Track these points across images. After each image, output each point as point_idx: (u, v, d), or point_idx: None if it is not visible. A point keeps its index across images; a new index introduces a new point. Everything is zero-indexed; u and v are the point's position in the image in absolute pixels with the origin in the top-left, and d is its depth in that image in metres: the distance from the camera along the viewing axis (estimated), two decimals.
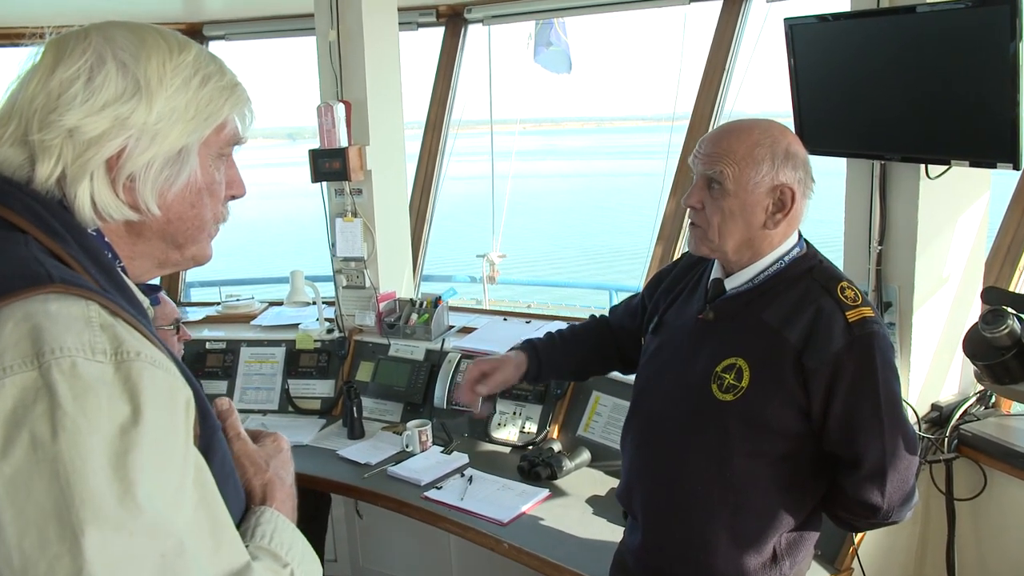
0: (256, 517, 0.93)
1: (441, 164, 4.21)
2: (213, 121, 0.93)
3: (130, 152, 0.87)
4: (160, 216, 0.91)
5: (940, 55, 1.92)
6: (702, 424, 1.64)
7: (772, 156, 1.57)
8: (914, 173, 2.16)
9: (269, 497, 0.96)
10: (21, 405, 0.71)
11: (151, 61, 0.89)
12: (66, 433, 0.70)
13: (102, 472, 0.71)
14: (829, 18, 2.16)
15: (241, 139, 0.99)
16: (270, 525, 0.92)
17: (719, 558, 1.62)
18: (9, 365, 0.72)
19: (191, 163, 0.92)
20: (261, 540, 0.90)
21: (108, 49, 0.88)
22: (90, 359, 0.75)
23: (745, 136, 1.59)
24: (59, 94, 0.85)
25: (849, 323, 1.53)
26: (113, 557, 0.69)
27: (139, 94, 0.87)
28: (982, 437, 2.21)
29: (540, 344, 2.07)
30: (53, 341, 0.74)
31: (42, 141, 0.85)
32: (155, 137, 0.88)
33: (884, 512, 1.57)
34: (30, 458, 0.70)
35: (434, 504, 2.50)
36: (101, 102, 0.86)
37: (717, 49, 3.43)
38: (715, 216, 1.60)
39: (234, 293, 4.14)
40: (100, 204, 0.87)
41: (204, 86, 0.92)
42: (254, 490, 0.97)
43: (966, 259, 2.31)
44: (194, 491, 0.78)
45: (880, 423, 1.53)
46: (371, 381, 3.26)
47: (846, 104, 2.16)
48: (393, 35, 3.44)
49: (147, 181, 0.89)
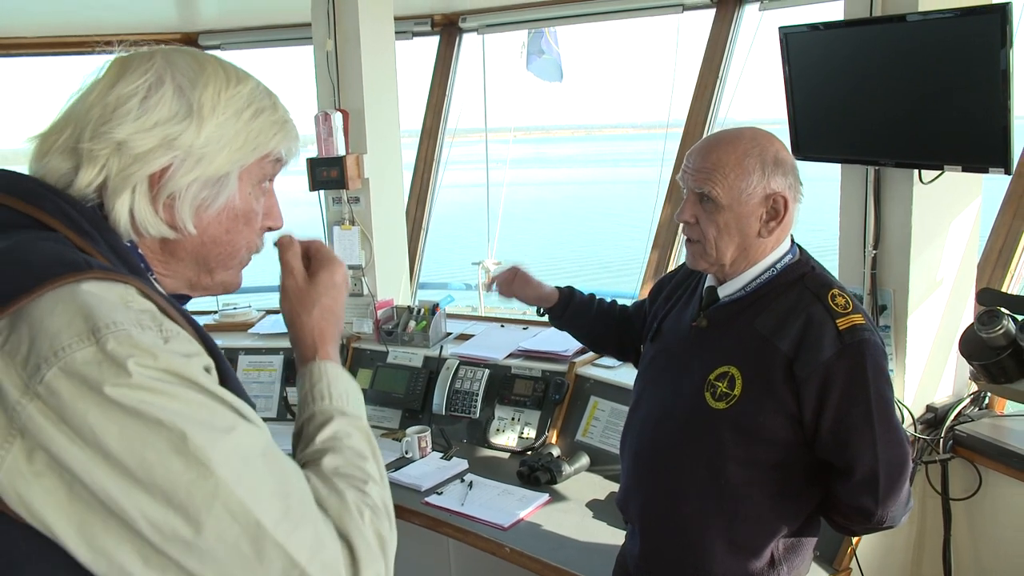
0: (308, 377, 0.99)
1: (437, 172, 4.23)
2: (259, 152, 0.96)
3: (174, 171, 0.90)
4: (195, 237, 0.94)
5: (932, 63, 1.95)
6: (696, 432, 1.65)
7: (762, 165, 1.58)
8: (907, 178, 2.20)
9: (321, 345, 1.02)
10: (92, 378, 0.74)
11: (208, 88, 0.92)
12: (146, 390, 0.74)
13: (190, 405, 0.76)
14: (823, 27, 2.20)
15: (284, 162, 1.01)
16: (323, 381, 0.98)
17: (716, 565, 1.63)
18: (67, 344, 0.75)
19: (230, 187, 0.95)
20: (322, 401, 0.96)
21: (168, 72, 0.91)
22: (142, 332, 0.78)
23: (733, 147, 1.59)
24: (115, 108, 0.89)
25: (839, 331, 1.54)
26: (233, 459, 0.76)
27: (190, 117, 0.90)
28: (977, 437, 2.24)
29: (577, 293, 2.11)
30: (106, 316, 0.77)
31: (90, 150, 0.88)
32: (200, 160, 0.91)
33: (879, 518, 1.57)
34: (132, 421, 0.74)
35: (435, 509, 2.51)
36: (153, 120, 0.89)
37: (710, 57, 3.48)
38: (710, 230, 1.60)
39: (231, 302, 4.14)
40: (138, 218, 0.90)
41: (256, 118, 0.95)
42: (304, 338, 1.02)
43: (959, 262, 2.34)
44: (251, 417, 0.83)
45: (872, 431, 1.53)
46: (369, 388, 3.27)
47: (840, 111, 2.20)
48: (390, 44, 3.46)
49: (186, 200, 0.92)
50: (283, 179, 1.05)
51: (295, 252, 1.07)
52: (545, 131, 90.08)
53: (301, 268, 1.06)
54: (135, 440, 0.73)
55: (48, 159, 0.89)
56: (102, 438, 0.73)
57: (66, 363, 0.74)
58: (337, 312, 1.06)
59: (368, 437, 0.96)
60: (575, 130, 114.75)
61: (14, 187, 0.88)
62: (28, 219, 0.86)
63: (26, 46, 4.26)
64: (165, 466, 0.74)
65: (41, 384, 0.73)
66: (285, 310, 1.05)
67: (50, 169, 0.89)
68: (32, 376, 0.73)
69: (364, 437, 0.95)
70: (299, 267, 1.06)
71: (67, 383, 0.73)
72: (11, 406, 0.74)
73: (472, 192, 7.08)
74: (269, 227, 1.03)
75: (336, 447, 0.92)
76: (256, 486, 0.77)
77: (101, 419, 0.73)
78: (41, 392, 0.73)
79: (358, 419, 0.97)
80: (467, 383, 3.08)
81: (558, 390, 2.91)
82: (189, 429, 0.75)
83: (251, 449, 0.79)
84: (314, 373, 1.00)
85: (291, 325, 1.04)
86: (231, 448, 0.77)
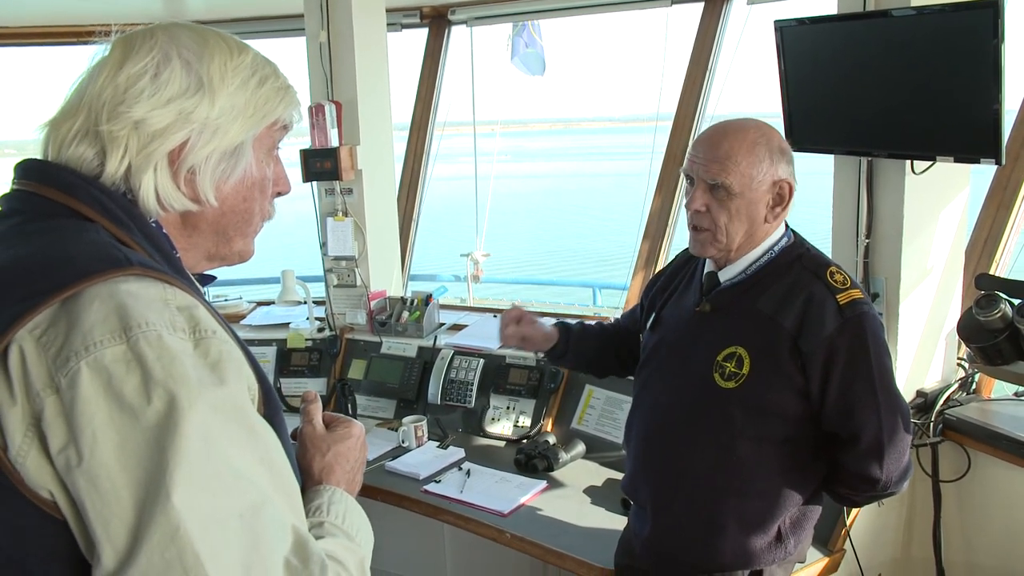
0: (328, 495, 0.98)
1: (427, 163, 4.24)
2: (268, 119, 0.98)
3: (192, 145, 0.91)
4: (216, 208, 0.96)
5: (925, 56, 2.00)
6: (705, 413, 1.70)
7: (770, 153, 1.64)
8: (900, 169, 2.25)
9: (325, 479, 1.02)
10: (116, 377, 0.75)
11: (214, 60, 0.93)
12: (160, 402, 0.75)
13: (191, 437, 0.75)
14: (817, 20, 2.24)
15: (290, 127, 1.03)
16: (342, 505, 0.98)
17: (727, 541, 1.68)
18: (99, 340, 0.76)
19: (246, 157, 0.96)
20: (336, 519, 0.95)
21: (173, 48, 0.92)
22: (173, 334, 0.79)
23: (743, 136, 1.64)
24: (127, 88, 0.89)
25: (840, 306, 1.61)
26: (202, 515, 0.74)
27: (202, 90, 0.91)
28: (966, 421, 2.30)
29: (573, 328, 2.10)
30: (139, 316, 0.78)
31: (110, 132, 0.88)
32: (216, 132, 0.92)
33: (883, 484, 1.63)
34: (133, 426, 0.74)
35: (434, 497, 2.53)
36: (167, 96, 0.90)
37: (699, 50, 3.51)
38: (722, 217, 1.65)
39: (222, 293, 4.13)
40: (163, 195, 0.91)
41: (262, 86, 0.97)
42: (312, 471, 1.02)
43: (948, 251, 2.40)
44: (266, 459, 0.82)
45: (875, 398, 1.60)
46: (364, 379, 3.28)
47: (834, 103, 2.24)
48: (382, 36, 3.46)
49: (206, 173, 0.93)
50: None
51: (317, 406, 1.10)
52: (524, 124, 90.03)
53: (320, 420, 1.09)
54: (130, 456, 0.74)
55: (71, 148, 0.90)
56: (99, 444, 0.74)
57: (95, 358, 0.75)
58: (351, 460, 1.06)
59: (364, 572, 0.94)
60: (554, 123, 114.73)
61: (51, 178, 0.89)
62: (65, 209, 0.87)
63: (9, 36, 4.22)
64: (145, 494, 0.74)
65: (66, 376, 0.74)
66: (299, 455, 1.05)
67: (76, 157, 0.90)
68: (60, 368, 0.75)
69: (359, 568, 0.93)
70: (319, 419, 1.09)
71: (91, 378, 0.75)
72: (35, 395, 0.75)
73: (458, 185, 7.08)
74: (279, 192, 1.05)
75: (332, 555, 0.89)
76: (219, 549, 0.75)
77: (106, 427, 0.74)
78: (62, 385, 0.75)
79: (360, 548, 0.95)
80: (462, 372, 3.10)
81: (553, 379, 2.94)
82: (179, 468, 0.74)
83: (233, 506, 0.77)
84: (335, 495, 0.99)
85: (301, 467, 1.04)
86: (207, 502, 0.75)
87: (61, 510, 0.76)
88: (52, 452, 0.75)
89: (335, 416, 1.12)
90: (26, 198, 0.89)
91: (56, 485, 0.76)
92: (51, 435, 0.75)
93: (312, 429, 1.07)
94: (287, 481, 0.85)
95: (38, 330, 0.77)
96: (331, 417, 1.11)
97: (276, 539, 0.79)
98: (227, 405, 0.79)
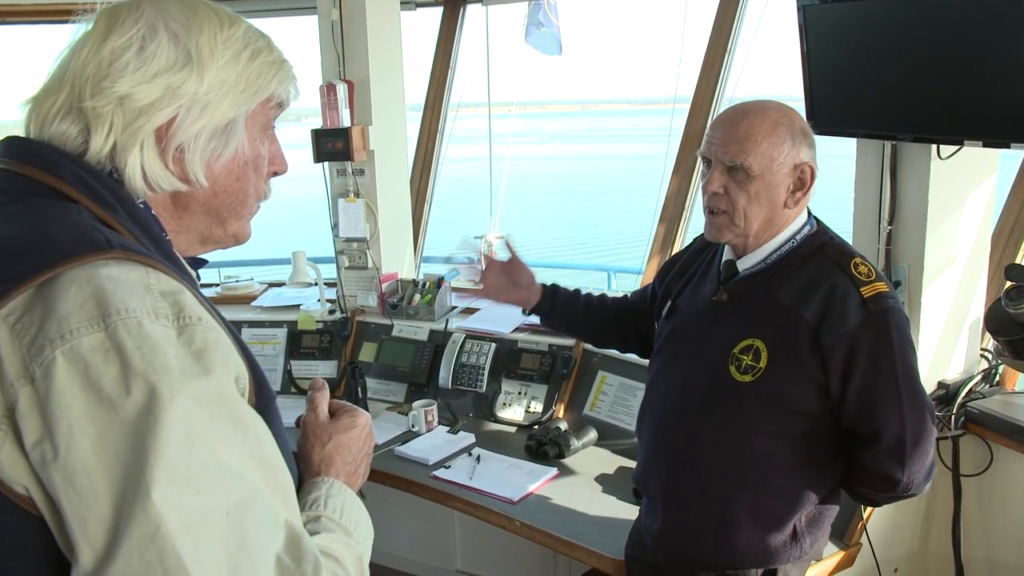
0: (327, 488, 0.94)
1: (440, 144, 4.19)
2: (261, 95, 0.93)
3: (180, 122, 0.87)
4: (207, 188, 0.92)
5: (955, 35, 1.91)
6: (720, 405, 1.65)
7: (791, 135, 1.58)
8: (925, 153, 2.18)
9: (324, 470, 0.98)
10: (93, 367, 0.71)
11: (203, 33, 0.89)
12: (140, 393, 0.71)
13: (172, 430, 0.71)
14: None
15: (285, 105, 0.98)
16: (340, 498, 0.94)
17: (740, 537, 1.64)
18: (76, 327, 0.72)
19: (238, 135, 0.92)
20: (333, 512, 0.91)
21: (160, 20, 0.88)
22: (154, 322, 0.75)
23: (763, 116, 1.58)
24: (111, 62, 0.85)
25: (864, 299, 1.54)
26: (184, 512, 0.70)
27: (190, 64, 0.87)
28: (989, 414, 2.24)
29: (562, 290, 2.07)
30: (119, 302, 0.74)
31: (94, 108, 0.84)
32: (205, 108, 0.88)
33: (904, 485, 1.58)
34: (111, 419, 0.70)
35: (443, 483, 2.51)
36: (153, 71, 0.86)
37: (718, 31, 3.42)
38: (740, 199, 1.59)
39: (232, 274, 4.12)
40: (150, 174, 0.87)
41: (254, 60, 0.92)
42: (312, 461, 0.99)
43: (974, 239, 2.33)
44: (256, 452, 0.79)
45: (899, 397, 1.54)
46: (374, 362, 3.26)
47: (858, 85, 2.16)
48: (395, 14, 3.41)
49: (196, 151, 0.89)
50: (288, 152, 1.03)
51: (323, 395, 1.06)
52: (541, 106, 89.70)
53: (325, 408, 1.05)
54: (108, 451, 0.70)
55: (54, 125, 0.86)
56: (76, 438, 0.70)
57: (72, 347, 0.71)
58: (353, 450, 1.02)
59: (362, 569, 0.90)
60: (572, 105, 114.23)
61: (33, 156, 0.85)
62: (47, 188, 0.83)
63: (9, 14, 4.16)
64: (123, 490, 0.70)
65: (40, 366, 0.71)
66: (300, 444, 1.02)
67: (59, 135, 0.86)
68: (35, 357, 0.71)
69: (356, 565, 0.89)
70: (324, 407, 1.05)
71: (67, 368, 0.71)
72: (8, 386, 0.72)
73: (472, 166, 7.03)
74: (275, 172, 1.01)
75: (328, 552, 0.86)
76: (203, 549, 0.71)
77: (84, 419, 0.70)
78: (37, 375, 0.71)
79: (357, 544, 0.91)
80: (473, 357, 3.07)
81: (565, 364, 2.91)
82: (158, 466, 0.70)
83: (218, 503, 0.73)
84: (333, 487, 0.95)
85: (301, 457, 1.00)
86: (189, 499, 0.71)
87: (38, 506, 0.73)
88: (27, 446, 0.71)
89: (341, 404, 1.08)
90: (6, 177, 0.85)
91: (32, 480, 0.72)
92: (25, 428, 0.71)
93: (315, 417, 1.03)
94: (280, 475, 0.81)
95: (12, 316, 0.73)
96: (337, 405, 1.08)
97: (266, 536, 0.75)
98: (212, 396, 0.75)
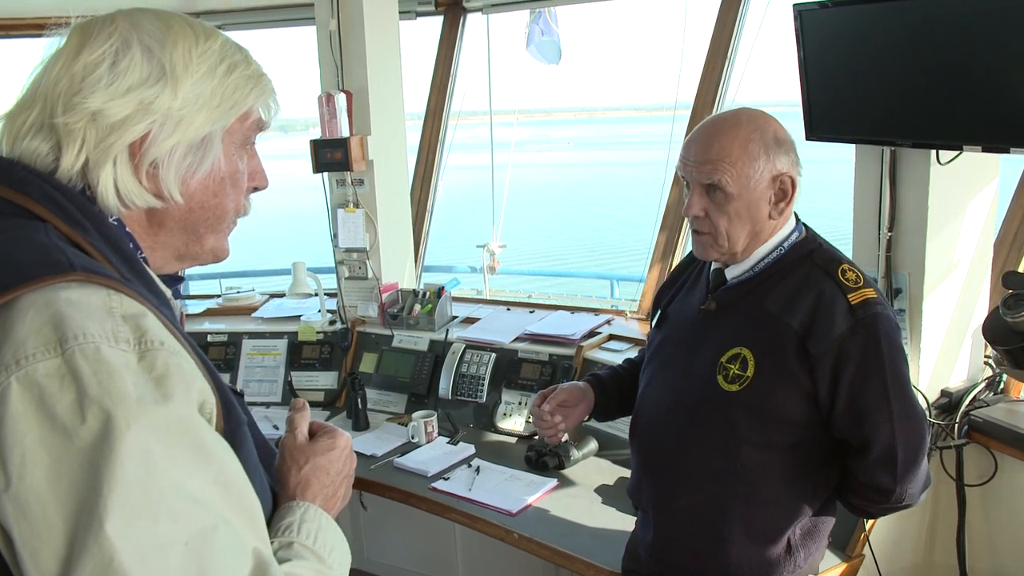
0: (301, 513, 0.92)
1: (441, 154, 4.18)
2: (238, 110, 0.92)
3: (154, 137, 0.86)
4: (182, 205, 0.90)
5: (956, 37, 1.88)
6: (708, 416, 1.62)
7: (765, 148, 1.55)
8: (924, 159, 2.15)
9: (299, 494, 0.96)
10: (48, 393, 0.70)
11: (177, 47, 0.87)
12: (95, 421, 0.69)
13: (128, 459, 0.69)
14: (839, 3, 2.14)
15: (265, 126, 0.97)
16: (315, 524, 0.92)
17: (732, 551, 1.61)
18: (32, 353, 0.71)
19: (215, 151, 0.91)
20: (306, 539, 0.89)
21: (134, 34, 0.87)
22: (114, 347, 0.73)
23: (734, 134, 1.55)
24: (83, 77, 0.84)
25: (851, 306, 1.52)
26: (140, 544, 0.68)
27: (164, 79, 0.86)
28: (992, 423, 2.20)
29: (602, 376, 1.98)
30: (77, 327, 0.72)
31: (66, 124, 0.83)
32: (179, 123, 0.87)
33: (897, 495, 1.55)
34: (66, 447, 0.69)
35: (442, 495, 2.49)
36: (125, 86, 0.84)
37: (718, 37, 3.41)
38: (721, 221, 1.57)
39: (234, 285, 4.11)
40: (123, 191, 0.86)
41: (230, 74, 0.91)
42: (288, 485, 0.97)
43: (975, 245, 2.30)
44: (220, 479, 0.77)
45: (888, 405, 1.51)
46: (375, 372, 3.25)
47: (857, 90, 2.14)
48: (394, 23, 3.41)
49: (170, 168, 0.87)
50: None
51: (304, 416, 1.04)
52: (546, 113, 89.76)
53: (304, 430, 1.03)
54: (63, 480, 0.68)
55: (25, 142, 0.85)
56: (29, 467, 0.68)
57: (27, 373, 0.70)
58: (331, 473, 1.00)
59: None
60: (576, 112, 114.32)
61: (1, 174, 0.84)
62: (15, 207, 0.81)
63: (12, 27, 4.17)
64: (76, 520, 0.68)
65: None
66: (277, 466, 0.99)
67: (30, 152, 0.85)
68: None
69: None
70: (303, 429, 1.03)
71: (21, 394, 0.69)
72: None
73: (474, 175, 7.03)
74: (255, 187, 1.00)
75: None
76: None
77: (37, 447, 0.68)
78: None
79: (331, 571, 0.89)
80: (473, 367, 3.05)
81: (566, 374, 2.89)
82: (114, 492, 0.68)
83: (177, 533, 0.71)
84: (308, 512, 0.93)
85: (278, 480, 0.98)
86: (145, 530, 0.69)
87: None
88: None
89: (322, 425, 1.06)
90: None
91: None
92: None
93: (292, 440, 1.01)
94: (247, 501, 0.79)
95: None
96: (318, 426, 1.06)
97: (230, 566, 0.73)
98: (171, 424, 0.73)
